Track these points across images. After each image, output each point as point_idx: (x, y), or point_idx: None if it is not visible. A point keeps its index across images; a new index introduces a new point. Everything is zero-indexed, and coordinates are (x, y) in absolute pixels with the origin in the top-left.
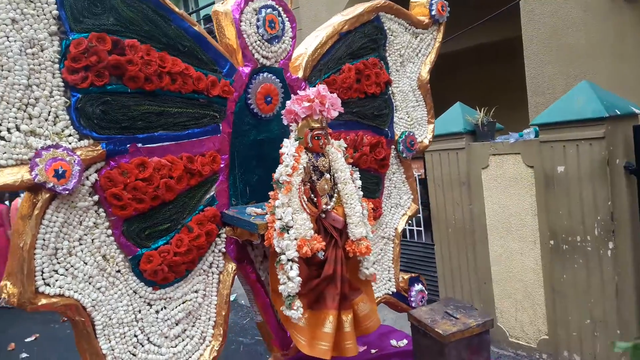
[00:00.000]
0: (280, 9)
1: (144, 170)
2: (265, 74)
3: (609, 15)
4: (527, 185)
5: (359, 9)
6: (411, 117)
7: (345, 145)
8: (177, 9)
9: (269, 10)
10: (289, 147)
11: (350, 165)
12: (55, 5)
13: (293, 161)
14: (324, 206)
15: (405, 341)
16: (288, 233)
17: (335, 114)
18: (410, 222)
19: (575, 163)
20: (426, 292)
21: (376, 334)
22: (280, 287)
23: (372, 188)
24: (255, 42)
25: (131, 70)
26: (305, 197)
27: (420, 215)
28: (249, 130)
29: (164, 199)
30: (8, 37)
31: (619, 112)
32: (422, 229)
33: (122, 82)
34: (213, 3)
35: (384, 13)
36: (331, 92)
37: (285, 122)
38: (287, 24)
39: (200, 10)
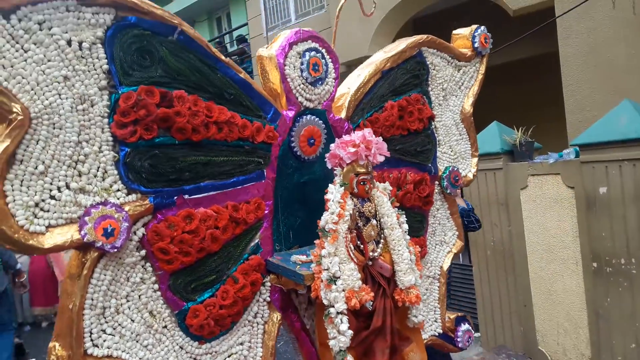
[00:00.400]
0: (323, 50)
1: (190, 223)
2: (308, 117)
3: None
4: (568, 207)
5: (401, 45)
6: (454, 151)
7: (391, 188)
8: (223, 57)
9: (312, 53)
10: (334, 193)
11: (397, 209)
12: (106, 60)
13: (339, 208)
14: (370, 254)
15: None
16: (335, 284)
17: (381, 158)
18: None
19: (619, 184)
20: (473, 332)
21: None
22: (331, 342)
23: (417, 226)
24: (299, 85)
25: (179, 122)
26: (352, 246)
27: None
28: (292, 174)
29: (210, 250)
30: (60, 95)
31: None
32: None
33: (169, 134)
34: (246, 24)
35: (426, 48)
36: (374, 130)
37: (329, 166)
38: (331, 65)
39: (234, 32)
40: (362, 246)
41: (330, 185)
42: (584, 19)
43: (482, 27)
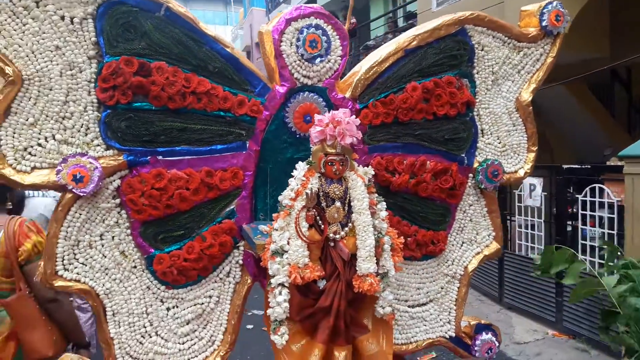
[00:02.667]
0: (327, 27)
1: (160, 181)
2: (305, 94)
3: None
4: None
5: (435, 22)
6: (503, 143)
7: (372, 173)
8: (210, 32)
9: (311, 30)
10: (299, 170)
11: (376, 195)
12: (95, 33)
13: (299, 185)
14: (331, 235)
15: None
16: (281, 257)
17: (348, 140)
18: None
19: None
20: (497, 344)
21: None
22: (269, 311)
23: (435, 219)
24: (295, 62)
25: (154, 91)
26: (304, 224)
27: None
28: (286, 148)
29: (179, 208)
30: (51, 61)
31: None
32: None
33: (147, 100)
34: None
35: (472, 26)
36: (387, 112)
37: (311, 145)
38: (336, 43)
39: (406, 7)
40: (322, 226)
41: (300, 162)
42: None
43: (555, 3)
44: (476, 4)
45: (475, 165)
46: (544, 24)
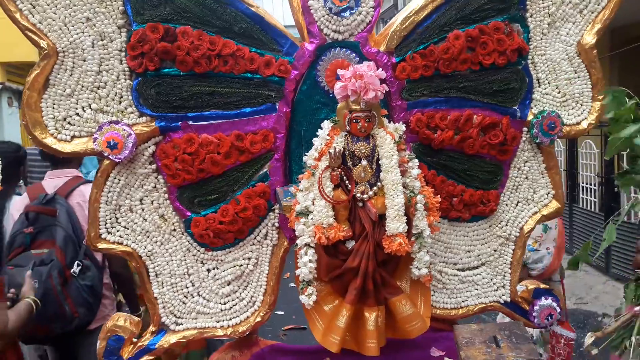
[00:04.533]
0: None
1: (191, 145)
2: (336, 50)
3: None
4: None
5: None
6: (563, 92)
7: (404, 129)
8: None
9: None
10: (324, 129)
11: (407, 152)
12: (122, 2)
13: (323, 144)
14: (359, 195)
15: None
16: (306, 218)
17: (371, 94)
18: None
19: None
20: (558, 310)
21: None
22: (297, 271)
23: (485, 178)
24: (323, 16)
25: (179, 55)
26: (328, 184)
27: None
28: (320, 109)
29: (212, 172)
30: (83, 33)
31: None
32: None
33: (174, 65)
34: None
35: None
36: (426, 64)
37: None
38: None
39: None
40: (349, 186)
41: (325, 121)
42: None
43: None
44: None
45: (530, 117)
46: None
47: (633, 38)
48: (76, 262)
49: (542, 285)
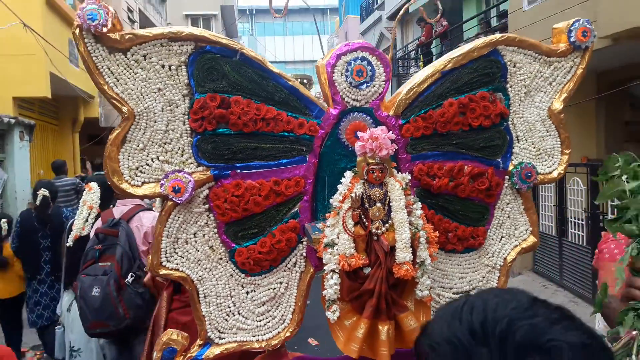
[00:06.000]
0: (372, 58)
1: (238, 190)
2: (355, 114)
3: None
4: None
5: (468, 46)
6: (538, 147)
7: (409, 178)
8: (275, 69)
9: (357, 61)
10: (346, 177)
11: (412, 196)
12: (187, 76)
13: (346, 190)
14: (374, 230)
15: None
16: (332, 249)
17: (384, 152)
18: None
19: None
20: None
21: None
22: (324, 292)
23: (475, 217)
24: (345, 88)
25: (232, 119)
26: (350, 221)
27: None
28: (340, 159)
29: (254, 211)
30: (155, 100)
31: None
32: None
33: (228, 126)
34: None
35: (503, 46)
36: (426, 125)
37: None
38: (380, 70)
39: (500, 5)
40: (366, 223)
41: (347, 171)
42: None
43: (582, 20)
44: (566, 1)
45: (511, 168)
46: (572, 39)
47: (617, 81)
48: (130, 273)
49: None
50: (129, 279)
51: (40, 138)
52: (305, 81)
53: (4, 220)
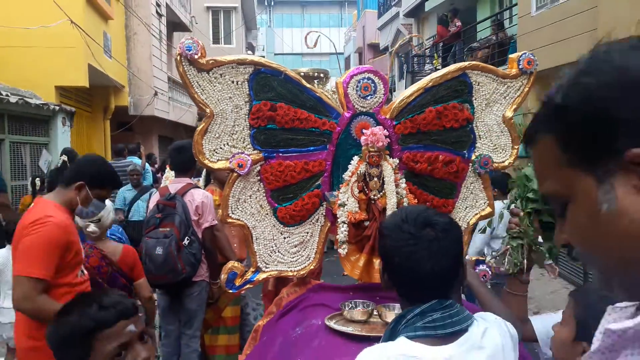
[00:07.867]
0: (375, 78)
1: (280, 167)
2: (362, 117)
3: None
4: None
5: (444, 71)
6: (494, 143)
7: (397, 162)
8: (307, 84)
9: (364, 80)
10: (354, 160)
11: (400, 174)
12: (248, 88)
13: (353, 169)
14: (372, 195)
15: None
16: (343, 208)
17: (380, 144)
18: None
19: None
20: (489, 273)
21: None
22: (337, 236)
23: (446, 192)
24: (355, 98)
25: (277, 119)
26: (356, 190)
27: None
28: (350, 148)
29: (290, 182)
30: (227, 104)
31: None
32: None
33: (274, 124)
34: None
35: (470, 70)
36: (412, 126)
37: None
38: (380, 86)
39: (513, 7)
40: (367, 191)
41: (355, 156)
42: None
43: (528, 53)
44: (572, 9)
45: (473, 157)
46: (520, 66)
47: None
48: (186, 237)
49: (481, 257)
50: (186, 241)
51: (77, 124)
52: (322, 75)
53: (37, 178)
